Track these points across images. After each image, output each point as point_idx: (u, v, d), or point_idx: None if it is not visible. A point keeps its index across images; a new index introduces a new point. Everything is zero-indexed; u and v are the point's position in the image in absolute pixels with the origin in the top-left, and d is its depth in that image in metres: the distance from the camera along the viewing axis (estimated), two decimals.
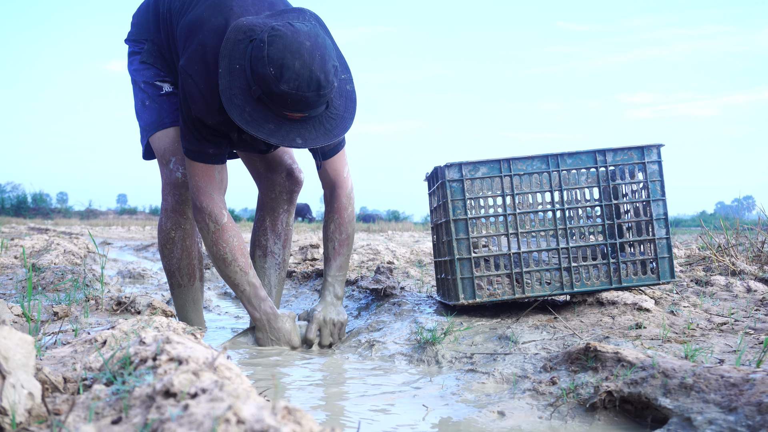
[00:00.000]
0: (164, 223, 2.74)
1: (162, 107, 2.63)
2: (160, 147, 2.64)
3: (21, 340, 1.11)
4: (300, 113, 2.15)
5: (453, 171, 2.47)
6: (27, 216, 42.34)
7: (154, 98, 2.64)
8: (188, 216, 2.72)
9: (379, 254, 5.32)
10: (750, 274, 3.28)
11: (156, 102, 2.64)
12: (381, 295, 3.13)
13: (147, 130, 2.66)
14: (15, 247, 5.84)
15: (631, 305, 2.42)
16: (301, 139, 2.18)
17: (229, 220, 2.46)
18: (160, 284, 5.10)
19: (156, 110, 2.63)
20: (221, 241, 2.44)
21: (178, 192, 2.65)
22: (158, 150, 2.65)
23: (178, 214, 2.70)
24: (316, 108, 2.17)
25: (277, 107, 2.13)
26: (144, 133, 2.69)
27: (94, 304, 2.66)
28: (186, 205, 2.68)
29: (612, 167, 2.51)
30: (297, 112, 2.14)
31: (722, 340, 2.03)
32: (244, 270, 2.48)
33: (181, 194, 2.65)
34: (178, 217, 2.70)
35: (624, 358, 1.66)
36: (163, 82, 2.64)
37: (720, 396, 1.39)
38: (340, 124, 2.26)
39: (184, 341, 1.24)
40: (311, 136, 2.19)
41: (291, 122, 2.17)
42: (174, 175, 2.62)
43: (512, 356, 2.05)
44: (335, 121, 2.25)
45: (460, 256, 2.45)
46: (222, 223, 2.43)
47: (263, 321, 2.52)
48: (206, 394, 0.97)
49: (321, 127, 2.22)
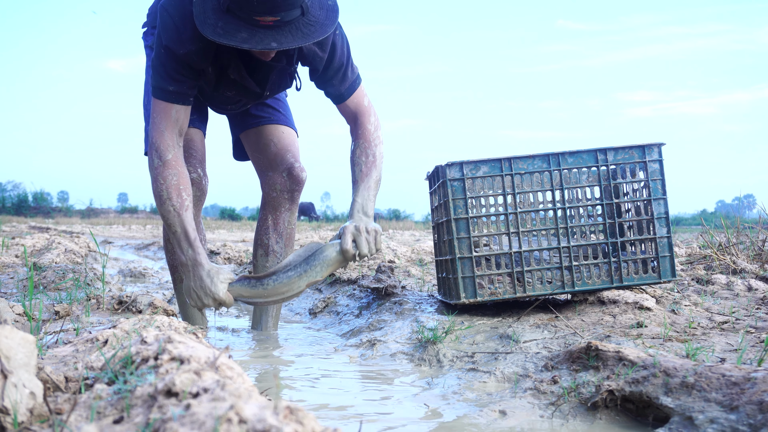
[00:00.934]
0: None
1: None
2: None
3: (23, 339, 1.11)
4: (271, 16, 2.08)
5: (454, 170, 2.47)
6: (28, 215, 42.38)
7: None
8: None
9: (379, 253, 5.31)
10: (751, 273, 3.28)
11: None
12: (382, 294, 3.13)
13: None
14: (16, 246, 5.85)
15: (632, 304, 2.42)
16: (276, 42, 2.10)
17: (175, 158, 2.35)
18: (161, 283, 5.10)
19: None
20: (160, 177, 2.34)
21: None
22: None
23: None
24: (287, 10, 2.08)
25: (246, 13, 2.07)
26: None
27: (95, 303, 2.66)
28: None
29: (613, 166, 2.51)
30: (267, 14, 2.07)
31: (723, 339, 2.03)
32: (177, 210, 2.34)
33: None
34: None
35: (625, 357, 1.66)
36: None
37: (721, 395, 1.39)
38: (319, 29, 2.17)
39: (185, 340, 1.24)
40: (287, 40, 2.11)
41: (265, 29, 2.10)
42: None
43: (513, 355, 2.05)
44: (313, 27, 2.17)
45: (461, 255, 2.45)
46: (165, 159, 2.34)
47: (188, 267, 2.37)
48: (208, 394, 0.97)
49: (298, 32, 2.14)
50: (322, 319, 3.33)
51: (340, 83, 2.48)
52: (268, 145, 2.84)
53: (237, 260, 6.12)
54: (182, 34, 2.23)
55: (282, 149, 2.82)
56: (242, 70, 2.38)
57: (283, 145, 2.83)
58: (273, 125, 2.85)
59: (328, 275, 2.38)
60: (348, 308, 3.29)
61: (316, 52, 2.39)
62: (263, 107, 2.86)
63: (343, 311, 3.29)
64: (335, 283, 3.90)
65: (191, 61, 2.28)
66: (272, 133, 2.85)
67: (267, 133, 2.85)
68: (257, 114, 2.85)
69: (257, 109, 2.85)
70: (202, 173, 2.68)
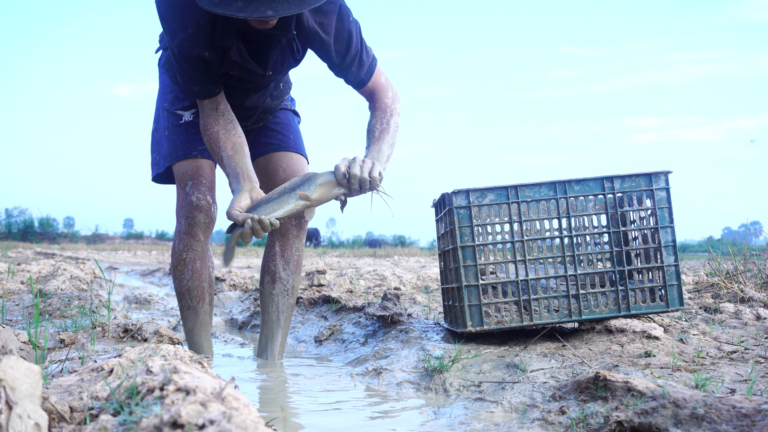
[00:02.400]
0: (177, 245, 2.77)
1: (179, 138, 2.70)
2: (179, 171, 2.70)
3: (28, 369, 1.11)
4: None
5: (460, 198, 2.47)
6: (34, 240, 42.48)
7: (172, 128, 2.72)
8: (200, 239, 2.74)
9: (385, 280, 5.30)
10: (759, 302, 3.26)
11: (173, 132, 2.72)
12: (388, 322, 3.12)
13: (166, 158, 2.73)
14: (22, 272, 5.86)
15: (640, 333, 2.40)
16: (272, 10, 2.06)
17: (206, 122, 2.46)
18: (166, 310, 5.09)
19: (173, 141, 2.71)
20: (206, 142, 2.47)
21: (192, 215, 2.68)
22: (177, 174, 2.71)
23: (190, 236, 2.72)
24: None
25: None
26: (161, 159, 2.75)
27: (100, 330, 2.65)
28: (198, 227, 2.71)
29: (620, 194, 2.51)
30: None
31: (732, 369, 2.01)
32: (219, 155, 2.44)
33: (195, 217, 2.68)
34: (190, 239, 2.73)
35: (634, 388, 1.64)
36: (184, 110, 2.72)
37: (732, 427, 1.37)
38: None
39: (191, 370, 1.24)
40: (282, 7, 2.07)
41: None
42: (189, 198, 2.66)
43: (521, 385, 2.03)
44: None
45: (467, 283, 2.44)
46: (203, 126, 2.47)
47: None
48: (214, 426, 0.96)
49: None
50: (328, 347, 3.31)
51: (359, 70, 2.48)
52: (276, 171, 2.84)
53: (242, 287, 6.12)
54: (173, 21, 2.25)
55: (291, 175, 2.82)
56: (243, 52, 2.38)
57: (291, 171, 2.83)
58: (282, 152, 2.86)
59: (321, 199, 2.31)
60: (354, 336, 3.28)
61: (318, 32, 2.37)
62: (273, 133, 2.87)
63: (348, 339, 3.27)
64: (341, 311, 3.88)
65: (186, 51, 2.30)
66: (281, 159, 2.86)
67: (276, 160, 2.86)
68: (266, 141, 2.86)
69: (266, 137, 2.86)
70: (211, 200, 2.69)
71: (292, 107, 2.97)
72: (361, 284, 5.09)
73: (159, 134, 2.78)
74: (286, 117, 2.93)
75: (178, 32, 2.27)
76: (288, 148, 2.88)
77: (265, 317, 2.91)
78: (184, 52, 2.31)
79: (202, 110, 2.46)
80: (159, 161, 2.77)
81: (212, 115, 2.44)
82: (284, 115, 2.93)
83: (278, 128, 2.89)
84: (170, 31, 2.29)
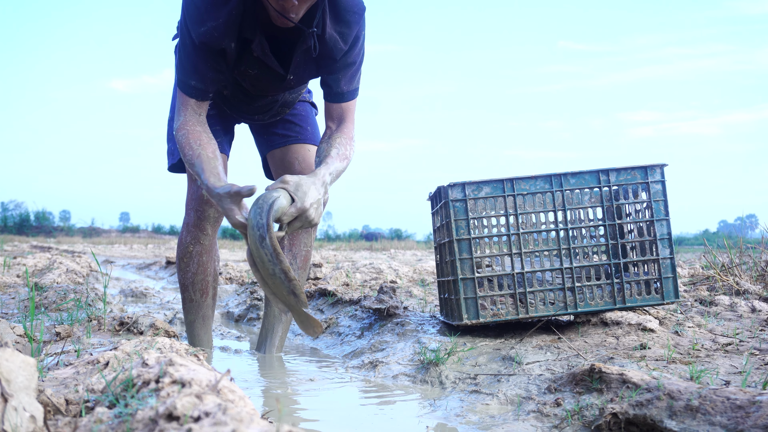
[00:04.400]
0: (184, 237, 2.77)
1: None
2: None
3: (23, 362, 1.11)
4: None
5: (456, 191, 2.47)
6: (30, 234, 42.41)
7: None
8: (208, 232, 2.75)
9: (381, 273, 5.31)
10: (754, 294, 3.27)
11: None
12: (384, 314, 3.12)
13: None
14: (17, 266, 5.85)
15: (636, 325, 2.41)
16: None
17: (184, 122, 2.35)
18: (162, 303, 5.09)
19: None
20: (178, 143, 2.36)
21: (202, 208, 2.68)
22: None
23: (198, 229, 2.73)
24: None
25: None
26: (176, 149, 2.73)
27: (96, 324, 2.65)
28: (207, 221, 2.71)
29: (615, 187, 2.52)
30: None
31: (727, 361, 2.01)
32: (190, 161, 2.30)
33: (204, 210, 2.68)
34: (197, 232, 2.73)
35: (629, 380, 1.65)
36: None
37: (726, 418, 1.38)
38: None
39: (187, 363, 1.24)
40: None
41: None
42: (200, 191, 2.66)
43: (516, 377, 2.04)
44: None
45: (463, 276, 2.44)
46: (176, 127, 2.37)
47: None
48: (209, 418, 0.97)
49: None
50: (324, 340, 3.32)
51: (348, 83, 2.43)
52: (292, 164, 2.82)
53: (238, 280, 6.11)
54: (204, 9, 2.21)
55: (306, 168, 2.80)
56: (265, 47, 2.34)
57: (308, 163, 2.80)
58: (299, 144, 2.83)
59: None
60: (350, 329, 3.28)
61: (338, 40, 2.33)
62: (291, 125, 2.84)
63: (344, 332, 3.28)
64: (337, 304, 3.89)
65: (212, 40, 2.24)
66: (298, 151, 2.83)
67: (292, 152, 2.83)
68: (284, 133, 2.84)
69: (284, 128, 2.83)
70: None
71: (309, 99, 2.94)
72: (358, 277, 5.10)
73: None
74: (305, 109, 2.90)
75: (208, 20, 2.21)
76: (305, 140, 2.84)
77: (268, 311, 2.90)
78: (208, 42, 2.24)
79: (185, 110, 2.39)
80: (174, 151, 2.74)
81: (194, 118, 2.39)
82: (302, 107, 2.89)
83: (296, 120, 2.85)
84: (198, 18, 2.22)
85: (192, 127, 2.34)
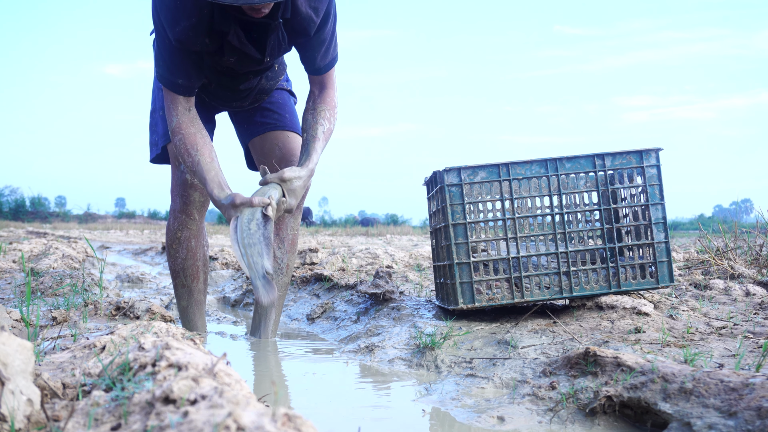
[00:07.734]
0: (172, 223, 2.79)
1: None
2: (173, 152, 2.69)
3: (20, 345, 1.11)
4: None
5: (452, 175, 2.47)
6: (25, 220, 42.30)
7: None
8: (195, 217, 2.77)
9: (377, 258, 5.31)
10: (749, 278, 3.28)
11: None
12: (380, 299, 3.13)
13: (162, 137, 2.73)
14: (13, 251, 5.84)
15: (630, 309, 2.42)
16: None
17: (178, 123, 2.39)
18: (158, 288, 5.09)
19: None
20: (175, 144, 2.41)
21: (187, 193, 2.70)
22: (172, 153, 2.71)
23: (185, 215, 2.76)
24: None
25: None
26: (159, 139, 2.76)
27: (92, 308, 2.65)
28: (193, 206, 2.74)
29: (611, 171, 2.52)
30: None
31: (721, 345, 2.03)
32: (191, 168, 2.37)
33: (189, 195, 2.70)
34: (185, 217, 2.76)
35: (623, 363, 1.66)
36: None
37: (720, 401, 1.39)
38: None
39: (183, 347, 1.24)
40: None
41: None
42: (183, 177, 2.69)
43: (512, 361, 2.05)
44: None
45: (459, 260, 2.45)
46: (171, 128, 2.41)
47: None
48: (206, 401, 0.97)
49: None
50: (320, 325, 3.33)
51: (323, 57, 2.48)
52: (273, 150, 2.84)
53: (234, 265, 6.11)
54: (176, 10, 2.22)
55: (287, 153, 2.82)
56: (242, 36, 2.37)
57: (288, 149, 2.83)
58: (278, 131, 2.86)
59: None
60: (346, 314, 3.29)
61: (312, 16, 2.36)
62: (269, 113, 2.86)
63: (341, 317, 3.29)
64: (333, 289, 3.89)
65: (188, 39, 2.26)
66: (278, 137, 2.85)
67: (272, 138, 2.85)
68: (263, 121, 2.86)
69: (263, 116, 2.86)
70: None
71: (288, 87, 2.96)
72: (354, 262, 5.10)
73: (156, 115, 2.78)
74: (282, 97, 2.92)
75: (181, 20, 2.23)
76: (284, 127, 2.87)
77: None
78: (185, 40, 2.27)
79: (176, 109, 2.41)
80: (157, 141, 2.77)
81: (186, 116, 2.41)
82: (280, 95, 2.92)
83: (274, 108, 2.88)
84: (172, 19, 2.24)
85: (186, 130, 2.38)
